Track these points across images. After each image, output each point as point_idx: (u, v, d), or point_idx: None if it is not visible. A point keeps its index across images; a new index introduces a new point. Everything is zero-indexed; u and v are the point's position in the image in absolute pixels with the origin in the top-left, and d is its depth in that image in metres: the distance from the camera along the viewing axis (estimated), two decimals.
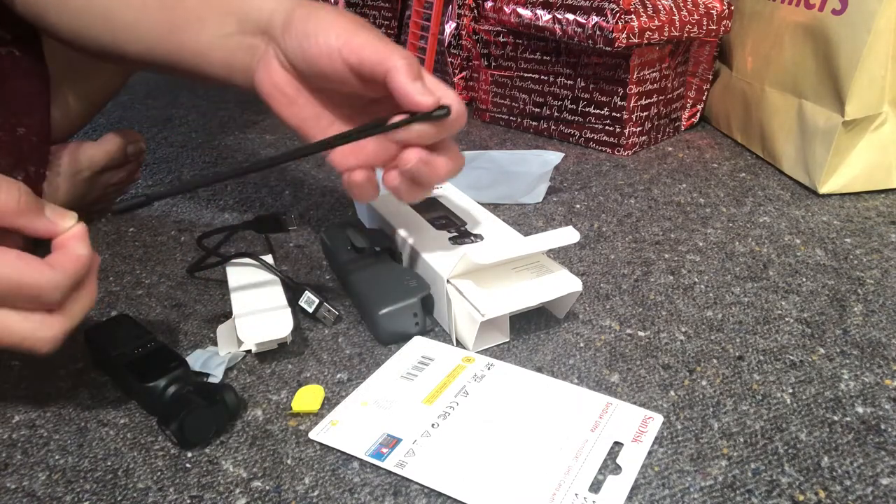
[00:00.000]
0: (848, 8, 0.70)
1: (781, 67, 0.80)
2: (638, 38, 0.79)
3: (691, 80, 0.96)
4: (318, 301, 0.51)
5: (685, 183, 0.79)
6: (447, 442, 0.40)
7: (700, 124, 0.99)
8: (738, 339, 0.50)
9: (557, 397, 0.44)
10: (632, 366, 0.47)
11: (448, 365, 0.47)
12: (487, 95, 1.01)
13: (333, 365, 0.48)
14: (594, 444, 0.40)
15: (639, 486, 0.38)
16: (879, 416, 0.42)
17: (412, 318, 0.50)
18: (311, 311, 0.52)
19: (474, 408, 0.43)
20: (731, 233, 0.66)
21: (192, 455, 0.41)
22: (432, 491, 0.38)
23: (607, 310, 0.54)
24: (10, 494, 0.38)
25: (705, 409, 0.43)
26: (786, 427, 0.42)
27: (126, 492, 0.38)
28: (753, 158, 0.86)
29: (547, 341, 0.50)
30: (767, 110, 0.83)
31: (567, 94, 0.90)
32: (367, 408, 0.44)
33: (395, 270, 0.53)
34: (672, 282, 0.58)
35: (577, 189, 0.78)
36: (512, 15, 0.90)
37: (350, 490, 0.38)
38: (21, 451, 0.41)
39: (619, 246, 0.64)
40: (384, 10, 1.30)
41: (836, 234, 0.65)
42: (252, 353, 0.49)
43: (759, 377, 0.46)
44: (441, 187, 0.65)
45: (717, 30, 0.87)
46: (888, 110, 0.71)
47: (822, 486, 0.37)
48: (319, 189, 0.80)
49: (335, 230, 0.60)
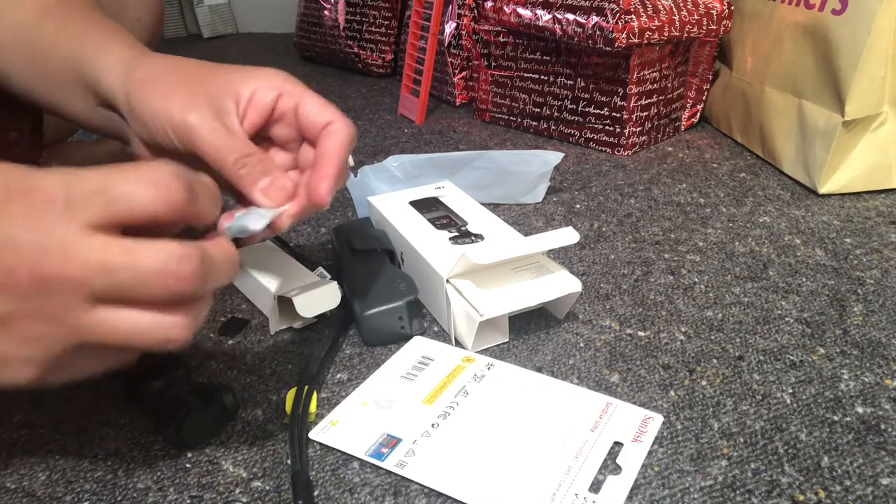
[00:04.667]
0: (848, 8, 0.70)
1: (781, 67, 0.80)
2: (638, 38, 0.79)
3: (691, 80, 0.96)
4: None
5: (685, 183, 0.79)
6: (447, 442, 0.40)
7: (700, 124, 0.99)
8: (738, 339, 0.50)
9: (557, 397, 0.44)
10: (632, 366, 0.47)
11: (448, 365, 0.47)
12: (487, 95, 1.01)
13: (333, 365, 0.48)
14: (594, 444, 0.40)
15: (639, 486, 0.38)
16: (879, 416, 0.42)
17: (398, 320, 0.50)
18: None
19: (474, 408, 0.43)
20: (731, 233, 0.66)
21: (192, 455, 0.41)
22: (432, 491, 0.38)
23: (607, 310, 0.54)
24: (10, 494, 0.38)
25: (705, 409, 0.43)
26: (786, 427, 0.42)
27: (126, 492, 0.38)
28: (753, 158, 0.86)
29: (547, 341, 0.50)
30: (767, 110, 0.83)
31: (567, 94, 0.90)
32: (367, 408, 0.44)
33: (387, 272, 0.53)
34: (672, 282, 0.58)
35: (577, 189, 0.78)
36: (512, 15, 0.90)
37: (350, 490, 0.38)
38: (21, 451, 0.41)
39: (619, 246, 0.64)
40: (384, 10, 1.30)
41: (836, 234, 0.65)
42: (295, 327, 0.53)
43: (759, 377, 0.46)
44: (442, 186, 0.65)
45: (717, 30, 0.87)
46: (888, 110, 0.71)
47: (822, 486, 0.37)
48: None
49: (342, 229, 0.60)
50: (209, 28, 1.87)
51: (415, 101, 1.04)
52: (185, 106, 0.36)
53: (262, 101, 0.39)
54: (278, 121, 0.40)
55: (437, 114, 1.09)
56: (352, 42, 1.34)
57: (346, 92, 1.23)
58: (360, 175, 0.70)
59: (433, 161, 0.70)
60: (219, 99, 0.38)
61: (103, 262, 0.28)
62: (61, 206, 0.28)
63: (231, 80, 0.39)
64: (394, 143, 0.95)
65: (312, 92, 0.40)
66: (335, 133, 0.39)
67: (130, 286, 0.28)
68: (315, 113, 0.39)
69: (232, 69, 0.39)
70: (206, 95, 0.37)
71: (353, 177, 0.70)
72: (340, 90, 1.24)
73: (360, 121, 1.06)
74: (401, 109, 1.09)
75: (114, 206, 0.28)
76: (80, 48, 0.41)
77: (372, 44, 1.33)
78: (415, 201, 0.62)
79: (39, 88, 0.44)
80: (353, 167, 0.64)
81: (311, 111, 0.39)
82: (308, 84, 0.41)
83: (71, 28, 0.42)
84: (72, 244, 0.27)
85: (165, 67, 0.39)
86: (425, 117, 1.06)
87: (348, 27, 1.33)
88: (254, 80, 0.39)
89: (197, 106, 0.37)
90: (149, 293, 0.29)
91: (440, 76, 1.13)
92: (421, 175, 0.71)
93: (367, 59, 1.33)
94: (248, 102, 0.39)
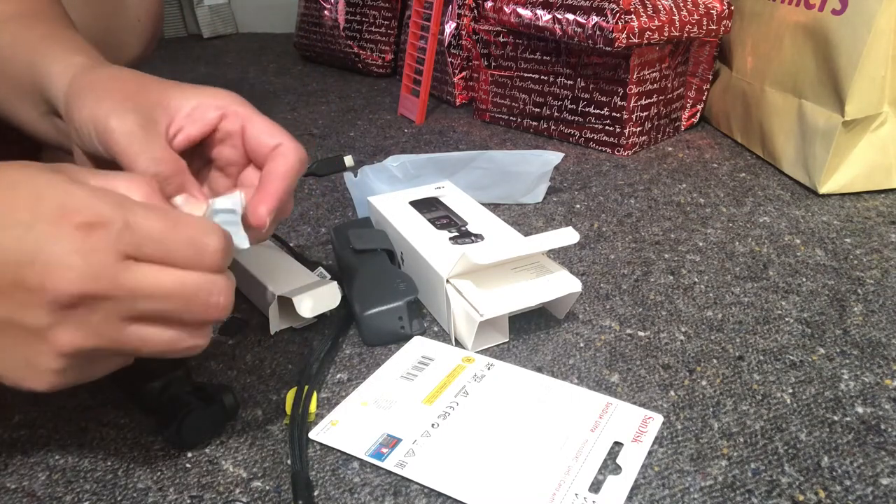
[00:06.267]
0: (848, 8, 0.70)
1: (781, 67, 0.80)
2: (638, 38, 0.79)
3: (691, 80, 0.96)
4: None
5: (685, 183, 0.79)
6: (447, 442, 0.40)
7: (700, 124, 0.99)
8: (738, 339, 0.50)
9: (557, 397, 0.44)
10: (632, 366, 0.47)
11: (448, 365, 0.47)
12: (487, 95, 1.01)
13: (333, 365, 0.48)
14: (594, 444, 0.40)
15: (639, 486, 0.38)
16: (879, 416, 0.42)
17: (397, 321, 0.50)
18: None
19: (474, 408, 0.43)
20: (731, 233, 0.66)
21: (192, 455, 0.41)
22: (432, 491, 0.38)
23: (607, 310, 0.54)
24: (10, 494, 0.38)
25: (705, 409, 0.43)
26: (786, 427, 0.42)
27: (126, 492, 0.38)
28: (753, 158, 0.86)
29: (547, 341, 0.50)
30: (767, 110, 0.83)
31: (567, 94, 0.90)
32: (367, 408, 0.44)
33: (387, 272, 0.53)
34: (672, 282, 0.58)
35: (577, 189, 0.78)
36: (512, 15, 0.90)
37: (350, 490, 0.38)
38: (21, 451, 0.41)
39: (619, 246, 0.64)
40: (384, 10, 1.30)
41: (836, 234, 0.65)
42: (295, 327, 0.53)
43: (759, 377, 0.46)
44: (442, 186, 0.65)
45: (717, 30, 0.87)
46: (888, 110, 0.71)
47: (822, 486, 0.37)
48: (319, 189, 0.80)
49: (342, 229, 0.60)
50: (209, 28, 1.87)
51: (415, 101, 1.04)
52: (112, 111, 0.36)
53: (202, 118, 0.38)
54: (222, 141, 0.40)
55: (437, 114, 1.09)
56: (352, 42, 1.34)
57: (346, 92, 1.23)
58: (360, 175, 0.70)
59: (433, 161, 0.70)
60: (150, 109, 0.37)
61: (152, 289, 0.30)
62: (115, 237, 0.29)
63: (170, 95, 0.38)
64: (394, 143, 0.95)
65: (261, 114, 0.40)
66: (283, 155, 0.38)
67: (174, 310, 0.31)
68: (263, 134, 0.39)
69: (178, 85, 0.39)
70: (137, 104, 0.36)
71: (353, 177, 0.70)
72: (340, 90, 1.24)
73: (360, 121, 1.06)
74: (401, 109, 1.09)
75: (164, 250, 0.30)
76: (34, 55, 0.41)
77: (372, 44, 1.33)
78: (415, 201, 0.62)
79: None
80: (353, 167, 0.64)
81: (259, 132, 0.39)
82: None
83: (28, 35, 0.42)
84: (120, 272, 0.29)
85: (110, 76, 0.38)
86: (425, 117, 1.06)
87: (348, 27, 1.33)
88: (196, 97, 0.38)
89: (124, 112, 0.36)
90: (188, 318, 0.32)
91: (440, 76, 1.13)
92: (421, 175, 0.71)
93: (367, 59, 1.33)
94: (186, 117, 0.38)
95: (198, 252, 0.31)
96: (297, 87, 1.26)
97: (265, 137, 0.39)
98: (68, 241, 0.28)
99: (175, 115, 0.38)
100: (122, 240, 0.29)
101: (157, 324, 0.31)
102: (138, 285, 0.29)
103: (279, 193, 0.38)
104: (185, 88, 0.39)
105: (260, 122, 0.39)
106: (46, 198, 0.29)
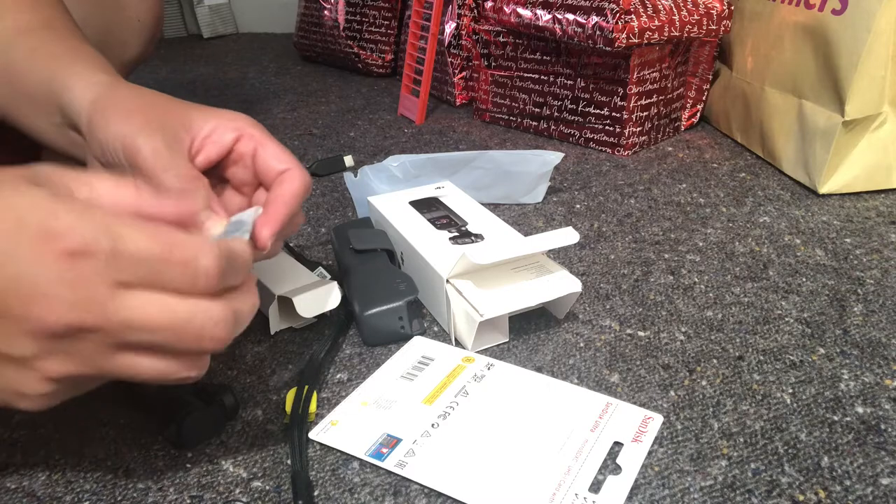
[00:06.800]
0: (848, 8, 0.70)
1: (781, 67, 0.80)
2: (638, 38, 0.79)
3: (691, 80, 0.96)
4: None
5: (685, 183, 0.79)
6: (447, 442, 0.40)
7: (700, 124, 0.99)
8: (738, 339, 0.50)
9: (557, 397, 0.44)
10: (632, 366, 0.47)
11: (448, 365, 0.47)
12: (487, 95, 1.01)
13: (333, 365, 0.48)
14: (594, 444, 0.40)
15: (639, 486, 0.38)
16: (879, 416, 0.42)
17: (397, 321, 0.50)
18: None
19: (474, 408, 0.43)
20: (731, 233, 0.66)
21: (192, 455, 0.41)
22: (432, 491, 0.38)
23: (607, 310, 0.54)
24: (10, 494, 0.38)
25: (705, 409, 0.43)
26: (786, 427, 0.42)
27: (126, 492, 0.38)
28: (753, 158, 0.86)
29: (547, 341, 0.50)
30: (767, 110, 0.83)
31: (567, 94, 0.90)
32: (367, 408, 0.44)
33: (387, 272, 0.53)
34: (672, 282, 0.58)
35: (577, 189, 0.78)
36: (512, 15, 0.90)
37: (350, 490, 0.38)
38: (21, 451, 0.41)
39: (619, 246, 0.64)
40: (384, 10, 1.30)
41: (836, 234, 0.65)
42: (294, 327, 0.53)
43: (759, 377, 0.46)
44: (442, 186, 0.65)
45: (717, 30, 0.87)
46: (888, 110, 0.71)
47: (822, 486, 0.37)
48: (319, 189, 0.80)
49: (342, 229, 0.60)
50: (209, 28, 1.87)
51: (415, 101, 1.04)
52: (139, 129, 0.37)
53: (220, 140, 0.40)
54: (236, 162, 0.41)
55: (437, 114, 1.09)
56: (352, 42, 1.34)
57: (346, 92, 1.23)
58: (360, 175, 0.70)
59: (433, 161, 0.70)
60: (174, 129, 0.38)
61: (141, 321, 0.28)
62: (104, 264, 0.27)
63: (191, 116, 0.39)
64: (394, 143, 0.95)
65: (273, 139, 0.41)
66: (289, 180, 0.39)
67: (165, 342, 0.30)
68: (273, 158, 0.40)
69: (196, 107, 0.40)
70: (163, 124, 0.38)
71: (353, 177, 0.70)
72: (340, 90, 1.24)
73: (360, 121, 1.06)
74: (401, 109, 1.09)
75: (155, 273, 0.29)
76: (54, 71, 0.41)
77: (372, 44, 1.33)
78: (415, 201, 0.62)
79: (8, 104, 0.44)
80: (353, 167, 0.64)
81: (269, 156, 0.40)
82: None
83: (46, 49, 0.43)
84: (108, 302, 0.28)
85: (135, 95, 0.39)
86: (425, 117, 1.06)
87: (348, 27, 1.33)
88: (215, 118, 0.40)
89: (151, 131, 0.37)
90: (182, 349, 0.30)
91: (440, 76, 1.13)
92: (421, 175, 0.71)
93: (367, 59, 1.33)
94: (205, 138, 0.39)
95: (191, 275, 0.29)
96: (297, 87, 1.26)
97: (274, 162, 0.40)
98: (54, 269, 0.27)
99: (196, 135, 0.39)
100: (110, 267, 0.27)
101: (148, 353, 0.30)
102: (129, 315, 0.28)
103: (282, 217, 0.38)
104: (204, 110, 0.40)
105: (271, 146, 0.40)
106: (28, 221, 0.27)
